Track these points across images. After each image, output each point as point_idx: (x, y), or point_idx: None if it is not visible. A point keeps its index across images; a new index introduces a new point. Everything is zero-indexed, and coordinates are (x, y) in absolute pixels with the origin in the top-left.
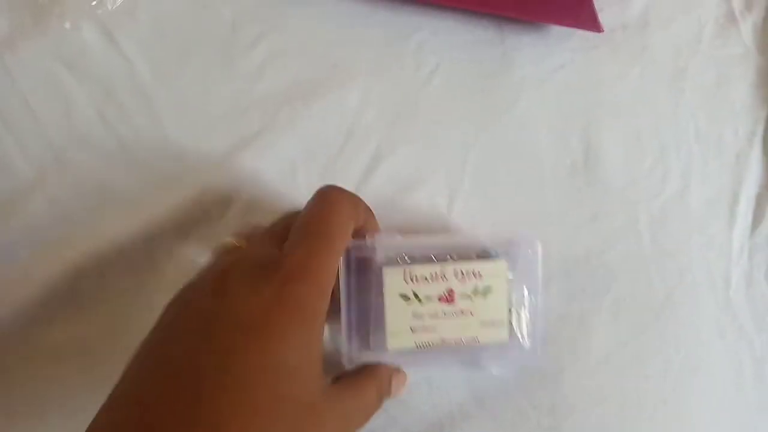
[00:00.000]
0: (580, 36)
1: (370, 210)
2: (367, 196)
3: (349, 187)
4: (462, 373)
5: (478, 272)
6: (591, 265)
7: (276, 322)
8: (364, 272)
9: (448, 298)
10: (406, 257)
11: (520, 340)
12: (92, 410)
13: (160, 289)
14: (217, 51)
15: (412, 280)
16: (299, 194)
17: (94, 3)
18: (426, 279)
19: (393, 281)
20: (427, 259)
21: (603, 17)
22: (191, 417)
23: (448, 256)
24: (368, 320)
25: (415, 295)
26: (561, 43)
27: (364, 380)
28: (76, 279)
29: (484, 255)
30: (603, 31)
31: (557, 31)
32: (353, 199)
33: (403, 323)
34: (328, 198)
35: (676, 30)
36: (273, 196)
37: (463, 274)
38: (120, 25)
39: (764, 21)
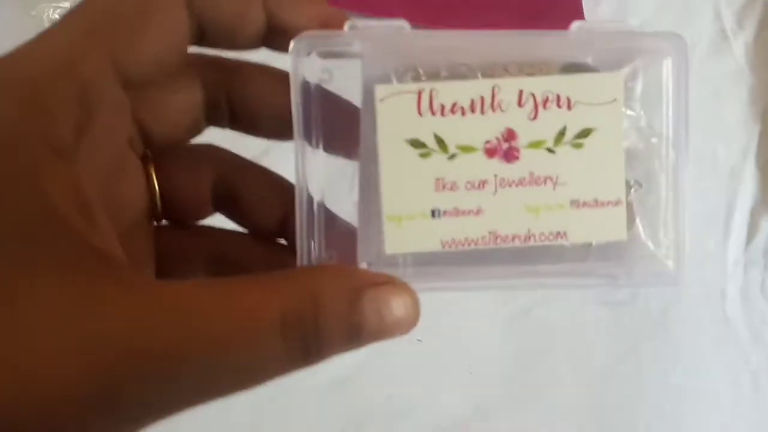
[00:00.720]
0: None
1: None
2: None
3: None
4: (533, 291)
5: (567, 97)
6: None
7: None
8: (340, 109)
9: (506, 148)
10: (420, 70)
11: (646, 238)
12: None
13: None
14: None
15: (432, 109)
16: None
17: None
18: (461, 109)
19: (394, 112)
20: (463, 74)
21: None
22: None
23: (505, 69)
24: (349, 200)
25: (439, 142)
26: None
27: (258, 281)
28: None
29: (575, 69)
30: None
31: None
32: None
33: (415, 198)
34: None
35: None
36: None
37: (535, 99)
38: None
39: (756, 39)
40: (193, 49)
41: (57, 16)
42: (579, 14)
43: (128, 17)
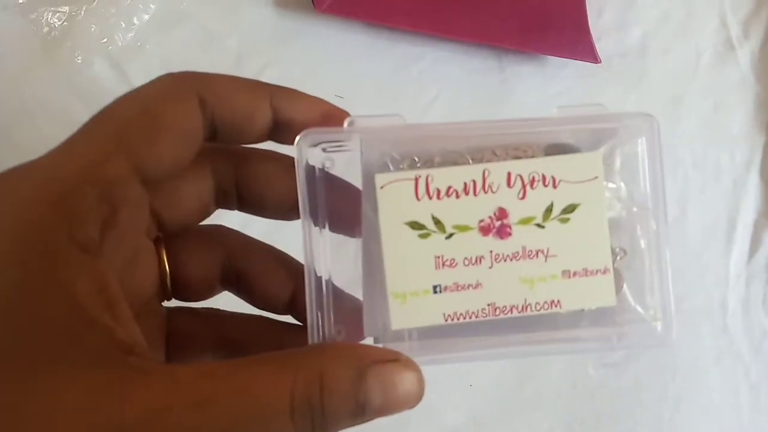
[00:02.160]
0: (578, 64)
1: (287, 89)
2: None
3: None
4: (525, 359)
5: (552, 177)
6: None
7: None
8: (342, 191)
9: (499, 225)
10: (415, 158)
11: (635, 302)
12: None
13: None
14: None
15: (428, 193)
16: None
17: (104, 40)
18: (456, 192)
19: (394, 198)
20: (454, 159)
21: (601, 45)
22: None
23: (493, 153)
24: (355, 276)
25: (437, 223)
26: (559, 71)
27: (268, 363)
28: None
29: (558, 150)
30: (600, 62)
31: (555, 59)
32: (191, 75)
33: (417, 276)
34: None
35: (674, 58)
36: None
37: (522, 179)
38: (130, 59)
39: (761, 49)
40: None
41: (56, 21)
42: (583, 24)
43: (147, 122)
